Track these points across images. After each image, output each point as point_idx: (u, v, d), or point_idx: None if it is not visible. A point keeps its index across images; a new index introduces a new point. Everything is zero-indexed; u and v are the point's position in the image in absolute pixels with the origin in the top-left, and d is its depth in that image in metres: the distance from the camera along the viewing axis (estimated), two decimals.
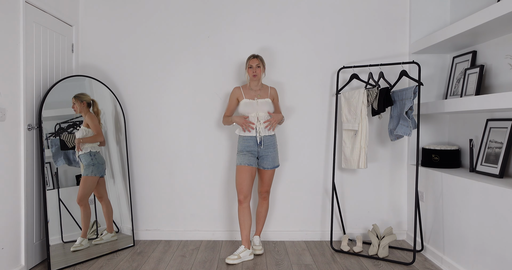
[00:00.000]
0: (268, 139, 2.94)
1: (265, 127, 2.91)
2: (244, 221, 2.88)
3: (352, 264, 2.81)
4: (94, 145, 3.01)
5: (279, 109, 3.13)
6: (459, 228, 2.56)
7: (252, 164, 2.90)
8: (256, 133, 2.91)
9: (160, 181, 3.39)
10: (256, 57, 2.96)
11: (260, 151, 2.93)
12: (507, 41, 2.52)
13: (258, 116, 2.92)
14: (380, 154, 3.36)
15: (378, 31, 3.33)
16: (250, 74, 2.95)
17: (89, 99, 3.01)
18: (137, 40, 3.35)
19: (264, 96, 3.00)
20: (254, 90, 3.00)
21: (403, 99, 2.89)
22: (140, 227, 3.40)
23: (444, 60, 3.24)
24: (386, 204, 3.38)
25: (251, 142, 2.92)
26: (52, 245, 2.70)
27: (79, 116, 2.95)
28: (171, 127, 3.37)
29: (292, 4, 3.33)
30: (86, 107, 2.98)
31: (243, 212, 2.89)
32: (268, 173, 2.99)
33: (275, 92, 3.08)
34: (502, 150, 2.44)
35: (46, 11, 2.85)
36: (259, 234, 3.09)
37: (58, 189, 2.82)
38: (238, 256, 2.81)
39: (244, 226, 2.88)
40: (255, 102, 2.93)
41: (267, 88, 3.05)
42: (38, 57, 2.79)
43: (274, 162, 2.97)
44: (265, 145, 2.92)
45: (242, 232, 2.89)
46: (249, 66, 2.96)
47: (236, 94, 3.03)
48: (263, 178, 3.01)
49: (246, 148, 2.92)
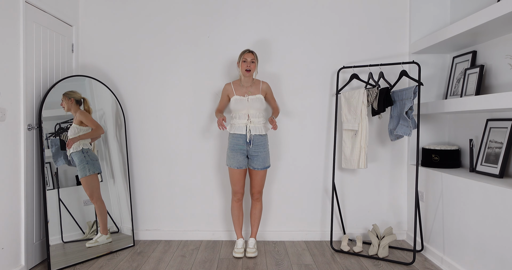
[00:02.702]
0: (259, 138, 2.92)
1: (271, 128, 2.91)
2: (238, 216, 3.06)
3: (352, 264, 2.81)
4: (86, 142, 2.99)
5: (274, 103, 3.12)
6: (459, 228, 2.56)
7: (241, 167, 2.93)
8: (246, 131, 2.89)
9: (160, 181, 3.39)
10: (251, 52, 2.92)
11: (249, 150, 2.91)
12: (507, 41, 2.52)
13: (249, 114, 2.90)
14: (380, 154, 3.36)
15: (378, 31, 3.33)
16: (243, 68, 2.90)
17: (79, 97, 2.98)
18: (137, 40, 3.36)
19: (255, 92, 2.96)
20: (245, 87, 2.97)
21: (403, 99, 2.89)
22: (140, 227, 3.40)
23: (444, 60, 3.24)
24: (386, 204, 3.38)
25: (241, 140, 2.91)
26: (52, 245, 2.70)
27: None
28: (171, 127, 3.37)
29: (292, 4, 3.33)
30: (74, 104, 2.94)
31: (238, 209, 3.05)
32: (259, 174, 2.97)
33: (267, 86, 3.03)
34: (502, 150, 2.44)
35: (46, 11, 2.85)
36: (254, 236, 3.08)
37: (58, 189, 2.82)
38: (243, 248, 2.99)
39: (239, 221, 3.07)
40: (246, 99, 2.91)
41: (258, 84, 3.00)
42: (38, 57, 2.79)
43: (264, 162, 2.95)
44: (255, 144, 2.91)
45: (237, 227, 3.07)
46: (243, 60, 2.91)
47: (227, 91, 3.01)
48: (254, 179, 2.99)
49: (236, 146, 2.92)
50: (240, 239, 3.04)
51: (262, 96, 2.96)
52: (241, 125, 2.91)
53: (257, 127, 2.91)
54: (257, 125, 2.91)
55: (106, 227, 3.06)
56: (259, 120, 2.93)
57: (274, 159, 3.35)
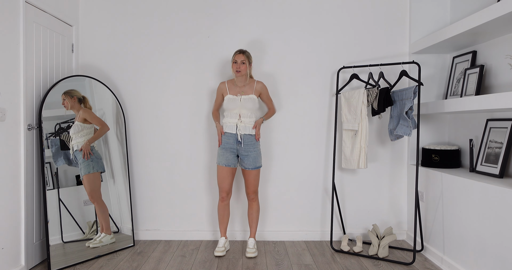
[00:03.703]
0: (249, 138, 2.92)
1: (255, 133, 2.91)
2: (224, 216, 3.06)
3: (352, 264, 2.81)
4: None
5: (270, 103, 3.11)
6: (459, 228, 2.56)
7: (230, 165, 2.93)
8: (236, 130, 2.90)
9: (160, 181, 3.39)
10: (243, 53, 2.92)
11: (239, 149, 2.92)
12: (507, 41, 2.52)
13: (240, 113, 2.91)
14: (380, 154, 3.36)
15: (378, 31, 3.33)
16: (233, 69, 2.92)
17: (80, 95, 2.99)
18: (137, 40, 3.35)
19: (248, 92, 2.96)
20: (239, 86, 2.98)
21: (403, 99, 2.89)
22: (140, 227, 3.40)
23: (444, 60, 3.24)
24: (386, 204, 3.38)
25: (231, 139, 2.92)
26: (52, 245, 2.70)
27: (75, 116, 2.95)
28: (171, 127, 3.37)
29: (292, 4, 3.33)
30: (77, 102, 2.95)
31: (224, 208, 3.05)
32: (251, 173, 2.96)
33: (262, 86, 3.02)
34: (502, 150, 2.44)
35: (46, 11, 2.85)
36: (253, 236, 3.07)
37: (58, 189, 2.82)
38: (224, 247, 3.00)
39: (223, 220, 3.07)
40: (238, 99, 2.92)
41: (252, 83, 3.00)
42: (38, 57, 2.79)
43: (255, 162, 2.94)
44: (245, 144, 2.91)
45: (221, 226, 3.07)
46: (233, 61, 2.92)
47: (221, 90, 3.03)
48: (247, 179, 2.99)
49: (226, 144, 2.94)
50: (222, 238, 3.05)
51: (255, 96, 2.96)
52: (232, 124, 2.92)
53: (247, 127, 2.91)
54: (247, 124, 2.92)
55: (109, 227, 3.06)
56: (250, 120, 2.93)
57: (274, 159, 3.35)
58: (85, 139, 2.95)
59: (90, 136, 2.98)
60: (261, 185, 3.31)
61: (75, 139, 2.90)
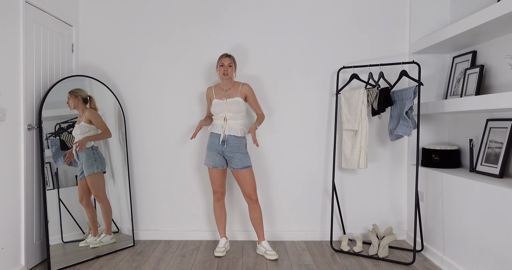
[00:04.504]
0: (234, 140, 2.91)
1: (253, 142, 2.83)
2: (220, 216, 3.08)
3: (352, 264, 2.81)
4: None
5: (257, 107, 3.09)
6: (459, 228, 2.56)
7: (217, 166, 2.95)
8: (221, 131, 2.91)
9: (160, 181, 3.39)
10: (229, 56, 2.93)
11: (224, 150, 2.92)
12: (507, 41, 2.52)
13: (225, 116, 2.92)
14: (380, 154, 3.36)
15: (378, 31, 3.33)
16: (220, 72, 2.92)
17: (85, 95, 2.99)
18: (137, 40, 3.36)
19: (233, 95, 2.97)
20: (224, 90, 2.99)
21: (403, 99, 2.89)
22: (140, 227, 3.40)
23: (444, 60, 3.24)
24: (386, 204, 3.38)
25: (216, 139, 2.94)
26: (52, 245, 2.70)
27: (79, 115, 2.95)
28: (171, 127, 3.37)
29: (292, 4, 3.33)
30: (82, 102, 2.95)
31: (219, 208, 3.06)
32: (241, 173, 2.90)
33: (247, 88, 3.00)
34: (502, 150, 2.44)
35: (46, 11, 2.85)
36: (263, 238, 3.01)
37: (58, 189, 2.82)
38: (224, 248, 3.01)
39: (221, 220, 3.08)
40: (224, 102, 2.93)
41: (238, 86, 2.99)
42: (38, 57, 2.79)
43: (242, 162, 2.90)
44: (229, 145, 2.90)
45: (220, 227, 3.09)
46: (220, 64, 2.92)
47: (208, 95, 3.07)
48: (239, 180, 2.95)
49: (212, 144, 2.96)
50: (222, 239, 3.07)
51: (240, 99, 2.95)
52: (218, 125, 2.94)
53: (233, 128, 2.90)
54: (233, 126, 2.91)
55: (110, 227, 3.06)
56: (236, 122, 2.93)
57: (274, 159, 3.35)
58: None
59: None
60: (261, 185, 3.31)
61: (78, 139, 2.91)
